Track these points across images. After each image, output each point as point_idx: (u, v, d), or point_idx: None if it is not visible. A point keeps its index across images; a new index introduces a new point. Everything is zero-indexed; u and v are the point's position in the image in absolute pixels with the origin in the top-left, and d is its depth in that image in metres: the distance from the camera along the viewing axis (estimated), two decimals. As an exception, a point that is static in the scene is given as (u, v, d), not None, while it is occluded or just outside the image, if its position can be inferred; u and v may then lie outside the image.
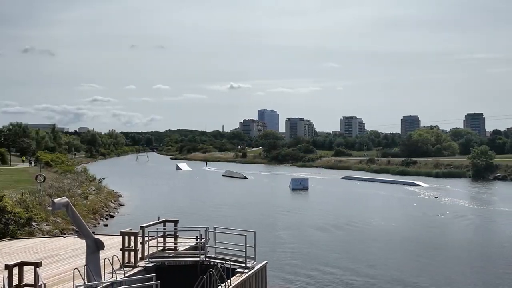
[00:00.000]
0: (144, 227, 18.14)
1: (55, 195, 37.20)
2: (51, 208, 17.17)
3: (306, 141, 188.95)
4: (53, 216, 32.44)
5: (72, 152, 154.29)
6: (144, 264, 17.55)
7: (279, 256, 28.58)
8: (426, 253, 30.39)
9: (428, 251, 31.06)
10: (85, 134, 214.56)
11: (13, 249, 21.33)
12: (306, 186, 70.45)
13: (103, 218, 41.29)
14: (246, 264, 17.09)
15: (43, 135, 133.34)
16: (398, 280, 24.25)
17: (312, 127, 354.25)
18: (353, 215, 45.57)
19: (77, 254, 18.97)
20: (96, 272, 14.76)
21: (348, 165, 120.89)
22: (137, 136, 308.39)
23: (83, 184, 54.13)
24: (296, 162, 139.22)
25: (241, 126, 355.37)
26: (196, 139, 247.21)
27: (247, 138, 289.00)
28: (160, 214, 23.19)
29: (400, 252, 30.91)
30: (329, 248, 31.39)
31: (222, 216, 42.98)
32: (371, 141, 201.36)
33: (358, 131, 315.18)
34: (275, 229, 38.07)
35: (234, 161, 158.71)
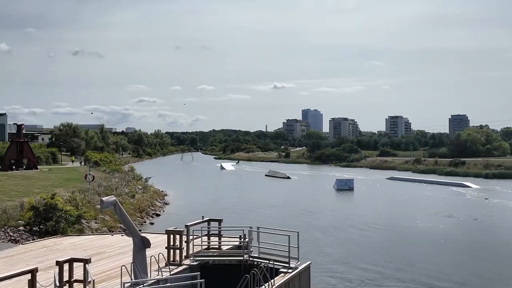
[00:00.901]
0: (189, 226, 18.30)
1: (103, 193, 38.16)
2: (99, 206, 17.61)
3: (350, 141, 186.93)
4: (101, 214, 33.26)
5: (120, 151, 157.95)
6: (189, 262, 17.70)
7: (323, 257, 28.34)
8: (474, 256, 29.47)
9: (477, 254, 30.10)
10: (132, 134, 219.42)
11: (64, 245, 22.04)
12: (352, 186, 69.56)
13: (149, 217, 42.04)
14: (289, 264, 17.01)
15: (92, 135, 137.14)
16: (444, 283, 23.60)
17: (356, 126, 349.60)
18: (399, 216, 44.72)
19: (124, 251, 19.35)
20: (142, 270, 15.01)
21: (394, 166, 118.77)
22: (182, 136, 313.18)
23: (130, 183, 55.30)
24: (340, 162, 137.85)
25: (284, 126, 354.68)
26: (240, 139, 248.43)
27: (290, 138, 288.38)
28: (204, 213, 23.42)
29: (447, 255, 30.04)
30: (374, 250, 30.89)
31: (265, 216, 43.03)
32: (417, 141, 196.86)
33: (404, 130, 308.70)
34: (320, 230, 37.78)
35: (277, 161, 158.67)
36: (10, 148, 62.89)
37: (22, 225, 26.58)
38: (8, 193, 35.93)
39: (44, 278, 14.23)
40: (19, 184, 42.73)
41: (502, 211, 48.41)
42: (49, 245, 22.22)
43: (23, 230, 26.09)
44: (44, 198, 28.24)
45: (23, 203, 29.22)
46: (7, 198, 33.09)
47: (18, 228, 26.09)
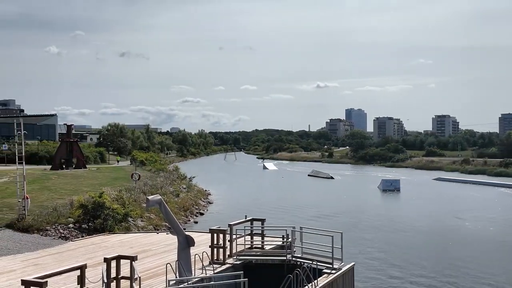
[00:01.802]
0: (232, 225, 18.44)
1: (149, 192, 38.82)
2: (145, 205, 17.96)
3: (395, 141, 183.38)
4: (147, 212, 33.90)
5: (165, 151, 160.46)
6: (232, 261, 17.84)
7: (367, 258, 27.94)
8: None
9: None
10: (176, 134, 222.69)
11: (111, 243, 22.62)
12: (398, 187, 68.19)
13: (193, 216, 42.52)
14: (333, 265, 16.88)
15: (138, 135, 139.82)
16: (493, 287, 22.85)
17: (401, 126, 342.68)
18: (446, 218, 43.56)
19: (169, 249, 19.69)
20: (187, 268, 15.22)
21: (440, 166, 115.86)
22: (225, 136, 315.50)
23: (174, 183, 56.03)
24: (385, 162, 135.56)
25: (328, 125, 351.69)
26: (282, 138, 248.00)
27: (333, 138, 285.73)
28: (247, 212, 23.50)
29: (497, 259, 29.03)
30: (420, 253, 30.21)
31: (308, 216, 42.79)
32: (465, 140, 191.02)
33: (452, 130, 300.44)
34: (364, 231, 37.25)
35: (320, 161, 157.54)
36: (60, 148, 64.92)
37: (71, 222, 27.40)
38: (59, 192, 37.12)
39: (92, 274, 14.63)
40: (68, 182, 44.05)
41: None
42: (97, 242, 22.86)
43: (73, 228, 26.88)
44: (93, 196, 29.03)
45: (73, 201, 30.10)
46: (57, 196, 34.19)
47: (68, 226, 26.91)
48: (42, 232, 24.99)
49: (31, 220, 25.65)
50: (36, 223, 25.62)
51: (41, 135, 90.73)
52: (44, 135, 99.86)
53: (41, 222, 25.96)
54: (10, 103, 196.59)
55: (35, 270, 16.70)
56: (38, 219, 26.14)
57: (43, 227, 25.56)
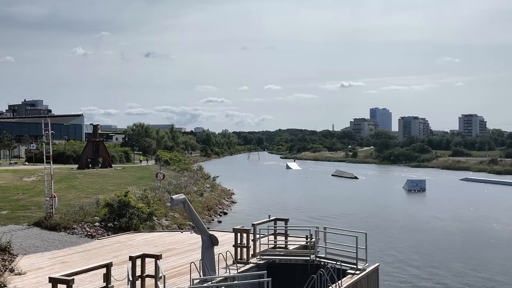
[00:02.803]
0: (255, 224, 18.43)
1: (173, 191, 39.08)
2: (169, 204, 18.10)
3: (421, 141, 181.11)
4: (171, 211, 34.15)
5: (189, 151, 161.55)
6: (256, 261, 17.81)
7: (392, 259, 27.63)
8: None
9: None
10: (200, 133, 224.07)
11: (136, 241, 22.85)
12: (424, 187, 67.26)
13: (217, 215, 42.66)
14: (357, 265, 16.74)
15: (163, 135, 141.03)
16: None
17: (427, 125, 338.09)
18: (474, 219, 42.80)
19: (193, 248, 19.77)
20: (211, 267, 15.25)
21: (467, 166, 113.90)
22: (249, 136, 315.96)
23: (198, 182, 56.34)
24: (410, 162, 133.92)
25: (352, 125, 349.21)
26: (306, 138, 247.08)
27: (357, 137, 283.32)
28: (271, 212, 23.49)
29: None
30: (446, 254, 29.73)
31: (332, 216, 42.55)
32: (493, 140, 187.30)
33: (479, 129, 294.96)
34: (389, 231, 36.86)
35: (344, 161, 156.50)
36: (86, 147, 65.94)
37: (97, 221, 27.76)
38: (85, 190, 37.68)
39: (118, 272, 14.80)
40: (95, 181, 44.66)
41: None
42: (122, 241, 23.12)
43: (99, 226, 27.23)
44: (118, 195, 29.36)
45: (99, 200, 30.49)
46: (84, 195, 34.72)
47: (94, 224, 27.28)
48: (69, 231, 25.39)
49: (58, 219, 26.08)
50: (63, 221, 26.04)
51: (68, 135, 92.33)
52: (71, 135, 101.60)
53: (68, 220, 26.38)
54: (38, 104, 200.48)
55: (62, 268, 16.99)
56: (65, 218, 26.56)
57: (70, 225, 25.96)
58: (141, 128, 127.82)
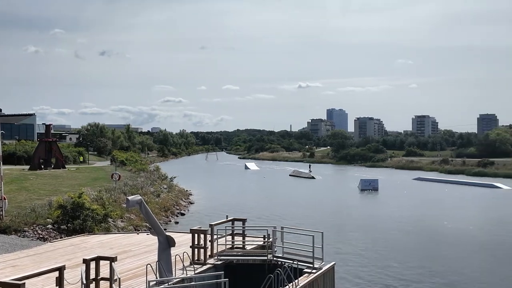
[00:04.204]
0: (213, 225, 18.42)
1: (129, 193, 38.54)
2: (125, 205, 17.84)
3: (376, 141, 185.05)
4: (127, 213, 33.66)
5: (145, 151, 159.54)
6: (213, 261, 17.81)
7: (347, 257, 28.13)
8: (503, 259, 28.87)
9: (507, 256, 29.46)
10: (157, 134, 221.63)
11: (91, 244, 22.38)
12: (376, 186, 68.88)
13: (174, 216, 42.33)
14: (313, 264, 16.96)
15: (119, 135, 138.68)
16: (470, 286, 23.19)
17: (382, 126, 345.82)
18: (425, 217, 44.08)
19: (150, 250, 19.56)
20: (167, 268, 15.15)
21: (420, 166, 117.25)
22: (207, 136, 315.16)
23: (155, 183, 55.73)
24: (365, 162, 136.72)
25: (309, 125, 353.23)
26: (264, 138, 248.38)
27: (315, 137, 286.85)
28: (229, 212, 23.53)
29: (475, 258, 29.50)
30: (399, 251, 30.51)
31: (289, 216, 42.93)
32: (444, 141, 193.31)
33: (431, 130, 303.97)
34: (344, 230, 37.53)
35: (302, 161, 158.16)
36: (39, 148, 64.05)
37: (50, 223, 27.05)
38: (37, 192, 36.62)
39: (71, 275, 14.47)
40: (47, 183, 43.50)
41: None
42: (76, 243, 22.60)
43: (51, 228, 26.55)
44: (72, 197, 28.70)
45: (52, 201, 29.74)
46: (36, 197, 33.74)
47: (47, 227, 26.56)
48: (20, 233, 24.62)
49: (8, 221, 25.26)
50: (13, 224, 25.24)
51: (19, 134, 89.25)
52: (22, 135, 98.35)
53: (19, 223, 25.58)
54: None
55: (12, 272, 16.45)
56: (16, 220, 25.75)
57: (21, 228, 25.19)
58: (96, 128, 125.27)
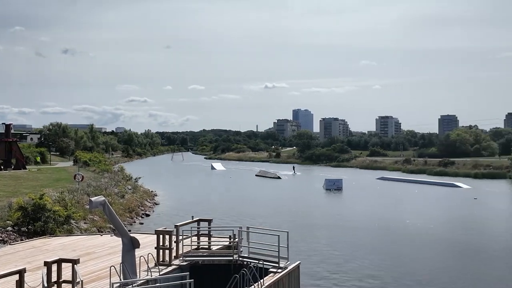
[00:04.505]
0: (178, 226, 18.32)
1: (92, 194, 37.95)
2: (88, 206, 17.56)
3: (341, 141, 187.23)
4: (91, 214, 33.10)
5: (110, 151, 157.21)
6: (179, 262, 17.69)
7: (312, 256, 28.40)
8: (463, 256, 29.72)
9: (466, 254, 30.35)
10: (122, 134, 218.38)
11: (52, 246, 21.89)
12: (340, 186, 69.77)
13: (139, 217, 41.89)
14: (279, 264, 17.05)
15: (82, 135, 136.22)
16: (432, 283, 23.78)
17: (346, 127, 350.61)
18: (388, 216, 44.92)
19: (114, 252, 19.26)
20: (131, 270, 14.98)
21: (384, 166, 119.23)
22: (173, 136, 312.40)
23: (119, 183, 55.04)
24: (331, 162, 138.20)
25: (275, 126, 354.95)
26: (230, 139, 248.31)
27: (281, 138, 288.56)
28: (194, 213, 23.40)
29: (436, 254, 30.24)
30: (363, 249, 31.01)
31: (255, 216, 43.04)
32: (407, 141, 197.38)
33: (394, 131, 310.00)
34: (309, 229, 37.86)
35: (268, 161, 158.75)
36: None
37: (10, 225, 26.35)
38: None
39: (32, 278, 14.14)
40: (7, 184, 42.36)
41: (491, 210, 48.80)
42: (37, 246, 22.07)
43: (11, 231, 25.87)
44: (33, 198, 28.02)
45: (11, 203, 28.97)
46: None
47: (6, 229, 25.86)
48: (-23, 236, 23.89)
49: (-35, 224, 24.47)
50: (-29, 226, 24.46)
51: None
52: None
53: (-23, 225, 24.83)
54: None
55: (-31, 276, 15.93)
56: (-27, 223, 24.97)
57: (-21, 231, 24.44)
58: (59, 128, 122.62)
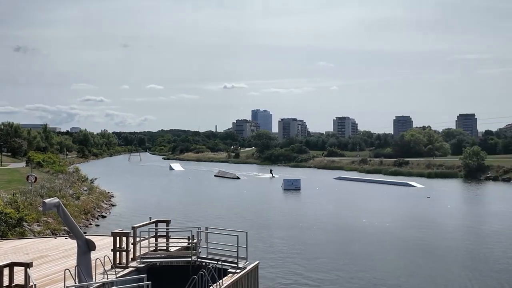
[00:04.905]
0: (135, 227, 18.06)
1: (46, 195, 37.01)
2: (42, 208, 17.09)
3: (299, 142, 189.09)
4: (44, 216, 32.28)
5: (64, 152, 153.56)
6: (136, 264, 17.47)
7: (271, 256, 28.58)
8: (417, 253, 30.53)
9: (420, 251, 31.20)
10: (77, 134, 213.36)
11: (4, 249, 21.20)
12: (299, 186, 70.46)
13: (94, 219, 41.13)
14: (238, 264, 17.05)
15: (35, 135, 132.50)
16: (389, 280, 24.34)
17: (305, 127, 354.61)
18: (345, 215, 45.66)
19: (69, 254, 18.85)
20: (87, 273, 14.66)
21: (341, 166, 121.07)
22: (130, 136, 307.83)
23: (74, 185, 53.92)
24: (289, 162, 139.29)
25: (234, 126, 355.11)
26: (189, 139, 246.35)
27: (240, 138, 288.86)
28: (152, 214, 23.17)
29: (392, 253, 31.00)
30: (320, 249, 31.43)
31: (214, 217, 42.94)
32: (363, 141, 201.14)
33: (351, 131, 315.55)
34: (267, 230, 38.08)
35: (227, 161, 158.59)
36: None
37: (-42, 229, 25.37)
38: None
39: (-19, 284, 13.65)
40: (-45, 186, 40.74)
41: (443, 209, 50.35)
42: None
43: (-41, 235, 24.91)
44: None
45: (-41, 206, 27.89)
46: None
47: (-46, 233, 24.89)
48: None
49: None
50: None
51: None
52: None
53: None
54: None
55: None
56: None
57: None
58: (10, 127, 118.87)
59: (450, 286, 23.73)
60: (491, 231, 38.05)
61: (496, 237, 35.28)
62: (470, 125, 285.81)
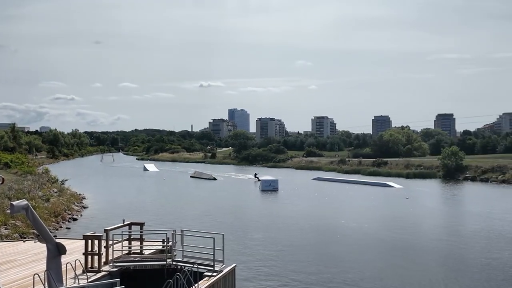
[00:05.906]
0: (108, 230, 17.68)
1: (14, 197, 36.19)
2: (10, 211, 16.51)
3: (277, 141, 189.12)
4: (12, 219, 31.51)
5: (33, 152, 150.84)
6: (109, 268, 17.07)
7: (248, 259, 28.19)
8: (395, 254, 30.56)
9: (398, 251, 31.24)
10: (47, 133, 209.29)
11: (-31, 254, 20.40)
12: (276, 187, 70.26)
13: (65, 221, 40.24)
14: (214, 267, 16.78)
15: (2, 134, 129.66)
16: (367, 281, 24.20)
17: (283, 127, 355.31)
18: (324, 216, 45.57)
19: (38, 259, 18.37)
20: (57, 278, 14.26)
21: (319, 166, 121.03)
22: (102, 136, 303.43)
23: (44, 186, 52.86)
24: (267, 162, 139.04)
25: (211, 126, 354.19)
26: (164, 139, 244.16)
27: (216, 138, 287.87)
28: (126, 216, 22.56)
29: (370, 253, 30.92)
30: (299, 250, 31.17)
31: (189, 219, 42.40)
32: (342, 141, 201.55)
33: (330, 131, 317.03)
34: (244, 231, 37.66)
35: (203, 162, 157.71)
36: None
37: None
38: None
39: None
40: None
41: (421, 209, 50.74)
42: (-49, 254, 20.45)
43: None
44: None
45: None
46: None
47: None
48: None
49: None
50: None
51: None
52: None
53: None
54: None
55: None
56: None
57: None
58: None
59: (429, 286, 23.73)
60: (469, 231, 38.36)
61: (474, 237, 35.57)
62: (448, 125, 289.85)
